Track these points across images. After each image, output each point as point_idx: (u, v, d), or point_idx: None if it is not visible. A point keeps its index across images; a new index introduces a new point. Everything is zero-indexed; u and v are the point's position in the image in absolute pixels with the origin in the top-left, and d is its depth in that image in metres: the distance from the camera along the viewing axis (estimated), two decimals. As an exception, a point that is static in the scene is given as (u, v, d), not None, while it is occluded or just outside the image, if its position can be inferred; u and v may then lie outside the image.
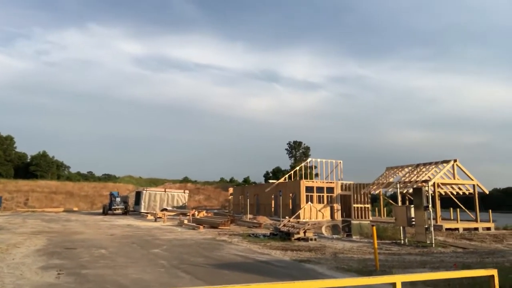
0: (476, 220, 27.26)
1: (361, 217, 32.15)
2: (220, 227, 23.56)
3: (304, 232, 17.31)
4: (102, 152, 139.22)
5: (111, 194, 39.72)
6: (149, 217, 33.02)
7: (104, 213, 37.70)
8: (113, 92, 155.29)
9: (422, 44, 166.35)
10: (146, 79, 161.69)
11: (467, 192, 30.41)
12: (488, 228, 26.20)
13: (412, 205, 16.90)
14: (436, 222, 23.92)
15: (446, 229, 24.16)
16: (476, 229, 25.62)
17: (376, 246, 10.43)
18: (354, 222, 20.28)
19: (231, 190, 47.91)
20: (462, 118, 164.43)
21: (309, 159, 41.99)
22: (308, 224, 18.23)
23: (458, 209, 29.32)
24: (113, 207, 37.74)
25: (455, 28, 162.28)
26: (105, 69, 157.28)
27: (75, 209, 48.49)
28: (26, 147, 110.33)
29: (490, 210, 28.43)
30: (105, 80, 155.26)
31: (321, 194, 32.92)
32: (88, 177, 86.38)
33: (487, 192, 29.34)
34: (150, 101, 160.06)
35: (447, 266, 10.82)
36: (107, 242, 15.76)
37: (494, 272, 3.32)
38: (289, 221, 20.76)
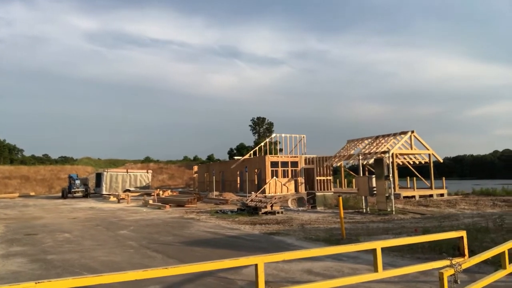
0: (431, 188, 28.83)
1: (324, 189, 33.06)
2: (186, 206, 23.45)
3: (271, 206, 17.59)
4: (58, 134, 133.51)
5: (70, 177, 38.30)
6: (112, 198, 32.25)
7: (64, 196, 36.39)
8: (67, 70, 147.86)
9: (378, 18, 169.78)
10: (101, 56, 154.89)
11: (423, 161, 31.97)
12: (442, 195, 27.80)
13: (374, 176, 17.55)
14: (395, 190, 25.01)
15: (404, 197, 25.40)
16: (431, 195, 27.13)
17: (342, 215, 10.78)
18: (318, 194, 20.83)
19: (196, 168, 47.59)
20: (418, 90, 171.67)
21: (273, 135, 42.31)
22: (275, 198, 18.53)
23: (414, 178, 30.87)
24: (72, 190, 36.49)
25: (411, 2, 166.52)
26: (56, 45, 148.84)
27: (32, 193, 46.42)
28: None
29: (444, 178, 30.17)
30: (57, 57, 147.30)
31: (286, 169, 33.45)
32: (44, 160, 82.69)
33: (441, 161, 30.98)
34: (107, 80, 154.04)
35: (408, 231, 11.40)
36: (70, 225, 15.26)
37: (463, 233, 3.49)
38: (256, 196, 20.99)
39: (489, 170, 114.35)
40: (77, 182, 37.26)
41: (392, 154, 27.06)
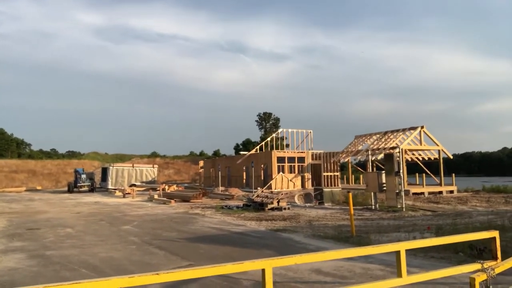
0: (440, 184, 28.27)
1: (331, 185, 32.65)
2: (192, 201, 23.18)
3: (278, 202, 17.23)
4: (65, 128, 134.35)
5: (76, 171, 38.23)
6: (117, 193, 32.12)
7: (70, 191, 36.38)
8: (74, 65, 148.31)
9: (383, 14, 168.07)
10: (107, 51, 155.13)
11: (432, 158, 31.37)
12: (451, 191, 27.24)
13: (383, 171, 17.10)
14: (403, 187, 24.54)
15: (413, 193, 24.90)
16: (441, 192, 26.59)
17: (352, 212, 10.39)
18: (326, 190, 20.41)
19: (201, 163, 47.36)
20: (425, 87, 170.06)
21: (279, 130, 41.88)
22: (282, 194, 18.16)
23: (423, 174, 30.31)
24: (78, 184, 36.43)
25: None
26: (63, 40, 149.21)
27: (39, 188, 46.56)
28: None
29: (454, 174, 29.56)
30: (64, 52, 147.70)
31: (292, 164, 33.05)
32: (52, 154, 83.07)
33: (451, 157, 30.35)
34: (113, 75, 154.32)
35: (420, 229, 10.96)
36: (74, 220, 15.04)
37: (495, 234, 3.10)
38: (262, 191, 20.64)
39: (497, 167, 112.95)
40: (83, 176, 37.19)
41: (401, 149, 26.54)
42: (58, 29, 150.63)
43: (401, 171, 16.53)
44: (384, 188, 16.62)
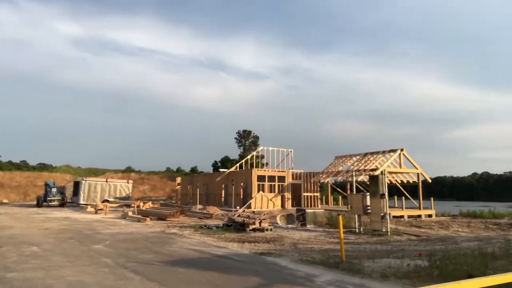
0: (419, 208, 28.28)
1: (311, 206, 32.23)
2: (168, 219, 22.19)
3: (260, 222, 16.59)
4: (37, 140, 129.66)
5: (47, 185, 36.49)
6: (89, 209, 30.67)
7: (39, 205, 34.59)
8: (49, 76, 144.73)
9: (361, 39, 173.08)
10: (84, 63, 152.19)
11: (411, 181, 31.52)
12: (430, 215, 27.29)
13: (368, 193, 16.78)
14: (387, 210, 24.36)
15: (393, 216, 24.70)
16: (420, 216, 26.58)
17: (342, 236, 9.88)
18: (309, 211, 19.92)
19: (179, 179, 46.16)
20: (398, 111, 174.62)
21: (259, 148, 41.45)
22: (264, 214, 17.53)
23: (403, 197, 30.33)
24: (48, 198, 34.73)
25: (391, 26, 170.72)
26: (39, 50, 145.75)
27: (5, 201, 44.20)
28: None
29: (432, 198, 29.72)
30: (39, 62, 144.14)
31: (273, 183, 32.51)
32: (21, 166, 79.69)
33: (430, 181, 30.57)
34: (89, 86, 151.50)
35: (410, 255, 10.55)
36: (41, 237, 13.94)
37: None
38: (243, 211, 19.95)
39: (467, 192, 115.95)
40: (54, 190, 35.54)
41: (385, 171, 26.48)
42: (35, 38, 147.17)
43: (386, 193, 16.23)
44: (369, 210, 16.26)
